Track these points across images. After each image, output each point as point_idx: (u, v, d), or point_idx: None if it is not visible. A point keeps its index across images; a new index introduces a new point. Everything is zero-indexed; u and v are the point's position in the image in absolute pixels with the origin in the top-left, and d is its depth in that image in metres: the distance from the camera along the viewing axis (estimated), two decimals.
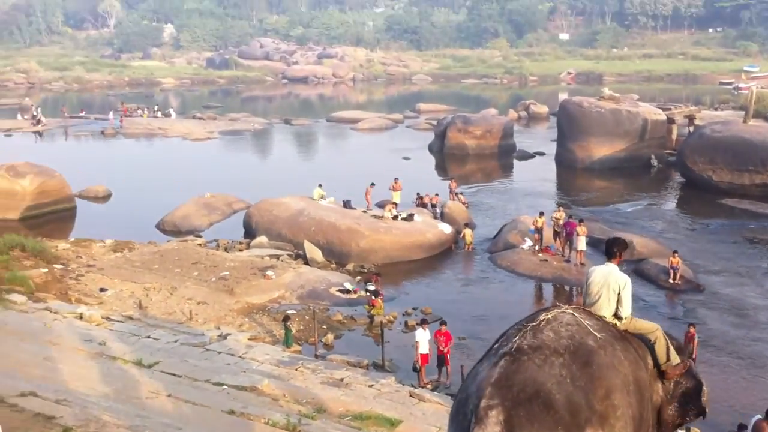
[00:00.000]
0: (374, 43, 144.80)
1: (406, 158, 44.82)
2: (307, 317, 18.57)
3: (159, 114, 66.05)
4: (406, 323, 18.99)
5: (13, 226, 27.85)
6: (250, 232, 27.48)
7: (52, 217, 30.57)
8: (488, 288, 22.45)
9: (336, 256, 24.55)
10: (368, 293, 20.04)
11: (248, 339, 16.71)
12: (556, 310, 5.94)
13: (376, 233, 24.90)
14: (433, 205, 30.00)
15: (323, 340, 17.63)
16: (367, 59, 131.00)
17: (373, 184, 29.18)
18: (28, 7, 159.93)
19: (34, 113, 62.25)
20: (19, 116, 64.08)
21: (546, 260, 23.60)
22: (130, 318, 17.82)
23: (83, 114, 67.50)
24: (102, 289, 20.28)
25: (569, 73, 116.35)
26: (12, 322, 15.69)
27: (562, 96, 66.89)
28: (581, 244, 22.84)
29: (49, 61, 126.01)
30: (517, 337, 5.61)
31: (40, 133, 57.30)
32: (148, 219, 29.66)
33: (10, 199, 29.86)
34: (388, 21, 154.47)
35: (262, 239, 25.84)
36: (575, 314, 5.87)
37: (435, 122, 53.56)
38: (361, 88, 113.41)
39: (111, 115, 61.46)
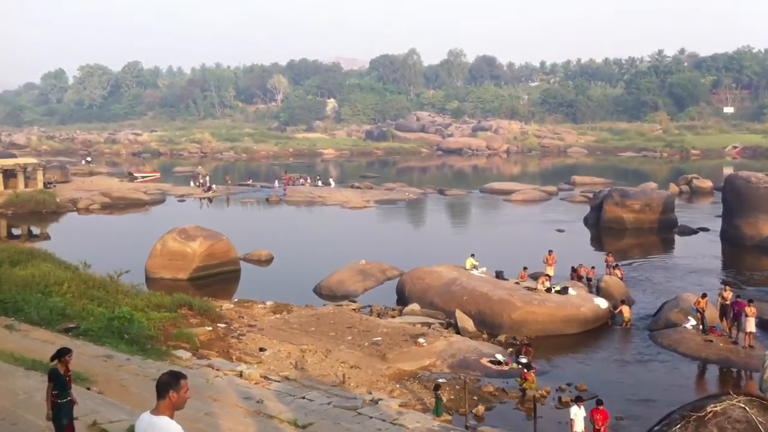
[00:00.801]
0: (529, 116, 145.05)
1: (560, 230, 44.11)
2: (457, 387, 18.43)
3: (319, 183, 68.93)
4: (559, 399, 18.43)
5: (183, 286, 29.64)
6: (402, 299, 27.84)
7: (218, 278, 32.20)
8: (647, 367, 21.42)
9: (488, 327, 24.33)
10: (520, 366, 19.67)
11: (399, 405, 16.74)
12: (726, 401, 5.50)
13: (529, 305, 24.52)
14: (589, 279, 29.27)
15: (474, 411, 17.40)
16: (521, 131, 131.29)
17: (551, 252, 29.18)
18: (203, 82, 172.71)
19: (201, 181, 66.69)
20: (192, 183, 68.64)
21: (711, 341, 22.31)
22: (287, 378, 18.35)
23: (250, 182, 71.50)
24: (261, 349, 21.06)
25: (735, 147, 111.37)
26: None
27: (727, 171, 64.05)
28: (750, 325, 21.49)
29: (221, 132, 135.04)
30: (679, 426, 5.28)
31: (210, 199, 61.02)
32: (306, 283, 30.68)
33: (181, 260, 31.78)
34: (544, 95, 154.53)
35: (414, 307, 26.06)
36: (747, 409, 5.43)
37: (590, 195, 52.57)
38: (514, 160, 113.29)
39: (276, 183, 64.98)
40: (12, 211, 50.43)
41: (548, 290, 25.81)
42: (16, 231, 46.04)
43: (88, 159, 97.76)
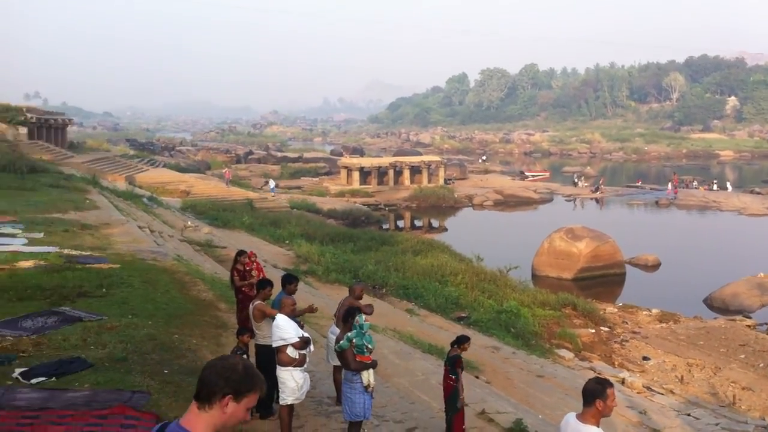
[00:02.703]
0: None
1: None
2: None
3: (715, 187, 64.64)
4: None
5: (567, 285, 30.05)
6: None
7: (602, 280, 32.00)
8: None
9: None
10: None
11: None
12: None
13: None
14: None
15: None
16: None
17: None
18: (596, 82, 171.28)
19: (575, 180, 66.56)
20: (579, 183, 68.84)
21: None
22: (671, 392, 17.74)
23: (639, 184, 69.53)
24: (645, 358, 20.58)
25: None
26: (560, 375, 16.96)
27: None
28: None
29: (611, 132, 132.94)
30: None
31: (597, 200, 60.68)
32: (695, 293, 29.14)
33: (567, 259, 32.20)
34: None
35: None
36: None
37: None
38: None
39: (669, 186, 62.46)
40: (416, 204, 55.32)
41: None
42: (418, 222, 50.46)
43: (484, 158, 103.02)
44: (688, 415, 15.53)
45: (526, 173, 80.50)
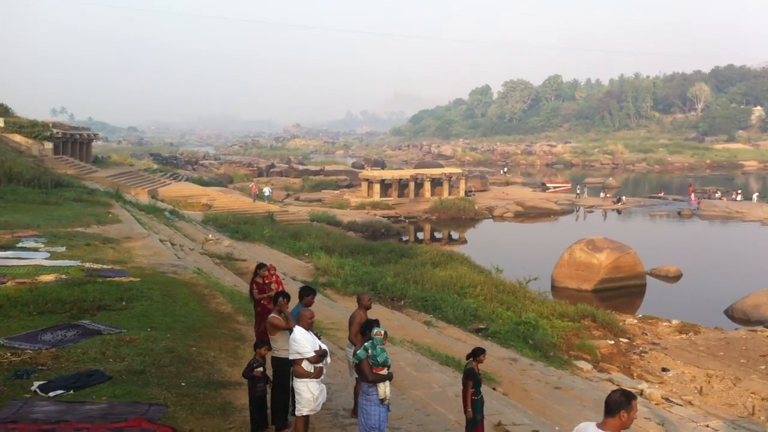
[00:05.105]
0: None
1: None
2: None
3: (739, 197, 64.15)
4: None
5: (587, 297, 29.97)
6: None
7: (622, 291, 31.86)
8: None
9: None
10: None
11: None
12: None
13: None
14: None
15: None
16: None
17: None
18: (620, 93, 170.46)
19: (579, 192, 66.15)
20: (601, 194, 68.59)
21: None
22: (690, 403, 17.66)
23: (662, 195, 69.16)
24: (664, 369, 20.51)
25: None
26: (578, 387, 16.95)
27: None
28: None
29: (634, 143, 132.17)
30: None
31: (619, 211, 60.40)
32: (716, 304, 28.95)
33: (587, 270, 32.11)
34: None
35: None
36: None
37: None
38: None
39: (692, 196, 62.19)
40: (436, 216, 55.37)
41: None
42: (438, 234, 50.50)
43: (505, 169, 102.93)
44: (707, 426, 15.47)
45: (547, 184, 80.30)
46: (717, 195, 67.06)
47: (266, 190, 56.93)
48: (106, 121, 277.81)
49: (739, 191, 67.75)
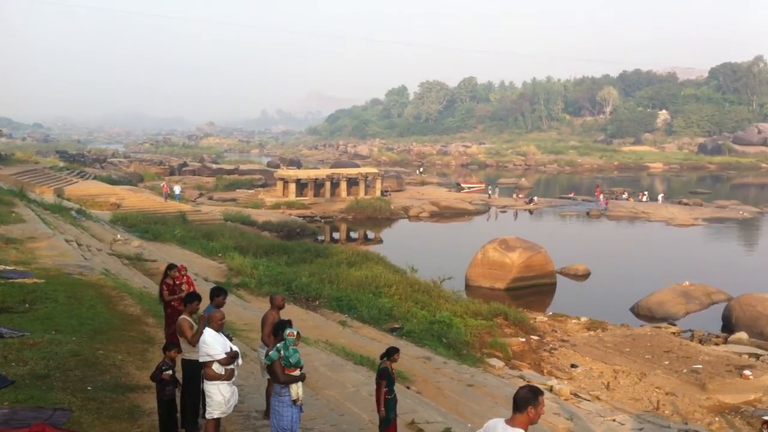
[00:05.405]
0: None
1: None
2: None
3: (645, 198, 66.53)
4: None
5: (499, 295, 30.51)
6: (728, 327, 26.05)
7: (533, 289, 32.61)
8: None
9: None
10: None
11: None
12: None
13: None
14: None
15: None
16: None
17: None
18: (533, 96, 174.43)
19: (490, 192, 68.00)
20: (514, 195, 70.01)
21: None
22: (597, 398, 18.17)
23: (572, 195, 71.04)
24: (573, 365, 21.04)
25: None
26: (490, 384, 17.22)
27: None
28: None
29: (546, 145, 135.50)
30: None
31: (531, 211, 61.74)
32: (623, 301, 29.93)
33: (500, 269, 32.70)
34: None
35: (741, 335, 24.22)
36: None
37: None
38: None
39: (600, 197, 64.19)
40: (352, 216, 55.38)
41: None
42: (353, 234, 50.52)
43: (421, 170, 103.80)
44: (614, 420, 15.93)
45: (462, 185, 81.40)
46: (624, 196, 69.34)
47: (176, 189, 55.67)
48: (9, 117, 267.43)
49: (646, 192, 70.22)
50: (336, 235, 49.58)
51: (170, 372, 8.67)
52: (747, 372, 20.08)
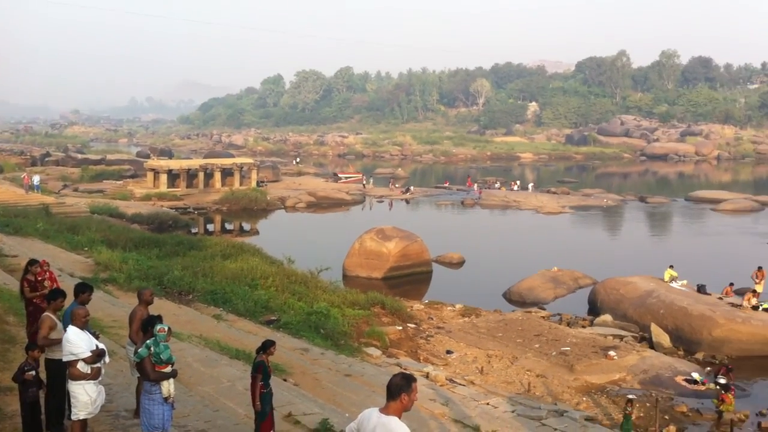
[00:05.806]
0: (745, 120, 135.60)
1: None
2: (648, 404, 17.80)
3: (516, 187, 68.69)
4: (759, 424, 17.27)
5: (377, 285, 30.71)
6: (594, 310, 27.26)
7: (410, 278, 33.04)
8: None
9: (684, 343, 23.23)
10: (718, 387, 18.63)
11: (585, 419, 16.47)
12: None
13: (732, 322, 23.10)
14: None
15: (664, 430, 16.74)
16: (735, 137, 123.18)
17: (761, 268, 27.27)
18: (409, 87, 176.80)
19: (365, 183, 69.37)
20: (389, 184, 70.73)
21: None
22: (472, 383, 18.58)
23: (447, 185, 72.47)
24: (448, 352, 21.45)
25: None
26: (368, 373, 17.27)
27: None
28: None
29: (422, 135, 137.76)
30: None
31: (407, 201, 62.58)
32: (496, 287, 30.78)
33: (377, 259, 32.93)
34: (764, 98, 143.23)
35: (606, 318, 25.42)
36: None
37: None
38: (725, 167, 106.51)
39: (475, 187, 65.88)
40: (227, 207, 54.37)
41: (755, 308, 24.20)
42: (229, 226, 49.61)
43: (298, 160, 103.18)
44: (487, 404, 16.33)
45: (339, 175, 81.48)
46: (497, 185, 71.36)
47: (35, 179, 52.70)
48: None
49: (517, 182, 72.52)
50: (210, 227, 48.56)
51: (33, 372, 8.40)
52: (611, 353, 21.07)
